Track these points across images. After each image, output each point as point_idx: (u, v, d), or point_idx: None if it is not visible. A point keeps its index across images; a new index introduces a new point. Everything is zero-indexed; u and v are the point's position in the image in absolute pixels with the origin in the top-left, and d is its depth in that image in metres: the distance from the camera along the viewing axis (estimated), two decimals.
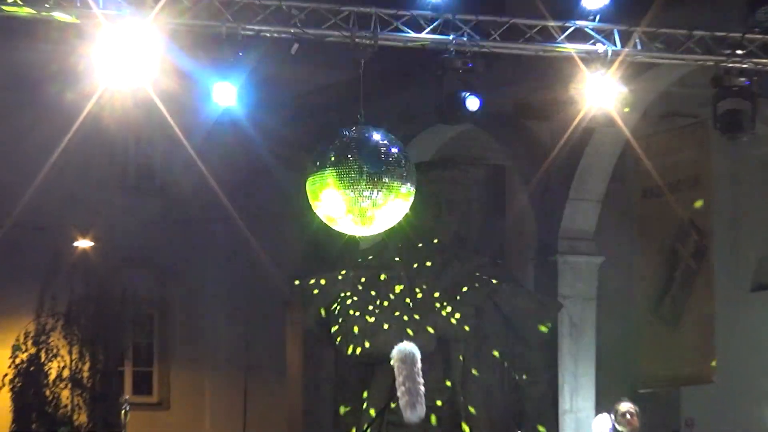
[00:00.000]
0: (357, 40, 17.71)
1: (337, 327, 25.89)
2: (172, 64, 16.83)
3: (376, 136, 18.75)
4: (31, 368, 28.42)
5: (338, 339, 25.83)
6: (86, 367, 28.81)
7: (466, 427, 25.21)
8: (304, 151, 22.96)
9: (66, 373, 28.65)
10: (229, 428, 29.07)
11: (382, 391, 22.99)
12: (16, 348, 28.73)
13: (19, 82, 21.75)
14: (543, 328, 25.46)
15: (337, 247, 24.76)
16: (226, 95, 17.04)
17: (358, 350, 25.18)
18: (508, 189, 28.03)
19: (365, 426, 25.12)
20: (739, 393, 25.34)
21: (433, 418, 23.54)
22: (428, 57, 18.76)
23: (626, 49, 17.93)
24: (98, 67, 16.17)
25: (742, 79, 18.59)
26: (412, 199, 19.10)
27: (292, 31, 17.26)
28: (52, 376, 28.60)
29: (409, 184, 18.84)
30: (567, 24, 18.13)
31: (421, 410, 19.89)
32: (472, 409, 25.33)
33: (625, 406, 17.96)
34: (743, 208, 26.55)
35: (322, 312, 26.09)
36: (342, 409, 26.32)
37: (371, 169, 18.21)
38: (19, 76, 21.00)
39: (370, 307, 25.35)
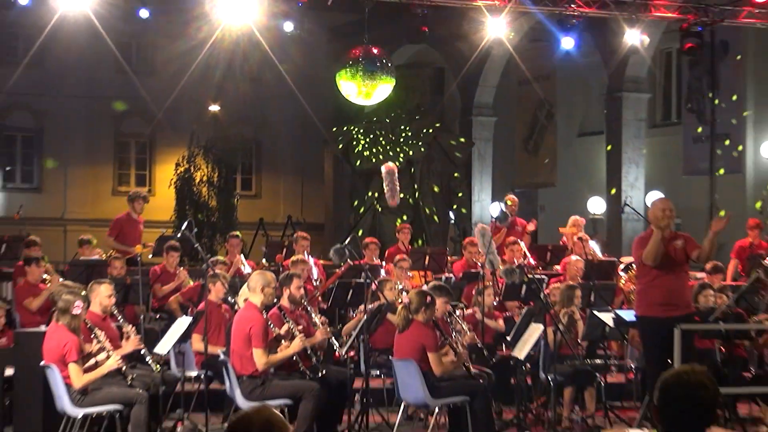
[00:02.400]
0: None
1: (352, 153, 26.22)
2: (267, 9, 16.88)
3: (374, 50, 19.26)
4: (186, 175, 28.42)
5: (352, 159, 26.16)
6: (215, 175, 28.78)
7: (426, 209, 25.68)
8: (334, 59, 23.31)
9: (204, 178, 28.76)
10: (293, 208, 29.15)
11: (376, 190, 23.23)
12: (177, 164, 28.80)
13: (176, 21, 21.52)
14: (461, 139, 26.11)
15: (353, 110, 24.98)
16: (292, 27, 17.36)
17: (364, 167, 25.47)
18: (445, 81, 28.05)
19: (366, 208, 25.48)
20: (569, 192, 25.57)
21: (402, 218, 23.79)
22: (403, 7, 18.85)
23: (510, 4, 18.01)
24: (220, 12, 16.34)
25: (574, 21, 18.71)
26: (392, 85, 19.69)
27: None
28: (197, 180, 28.69)
29: (391, 76, 19.42)
30: None
31: (397, 199, 20.20)
32: (427, 208, 25.78)
33: (509, 197, 18.07)
34: (572, 90, 26.61)
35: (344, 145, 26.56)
36: (355, 202, 26.71)
37: (370, 68, 18.78)
38: (176, 17, 20.81)
39: (369, 143, 25.64)
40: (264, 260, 16.00)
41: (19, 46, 26.90)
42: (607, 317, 11.43)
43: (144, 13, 16.50)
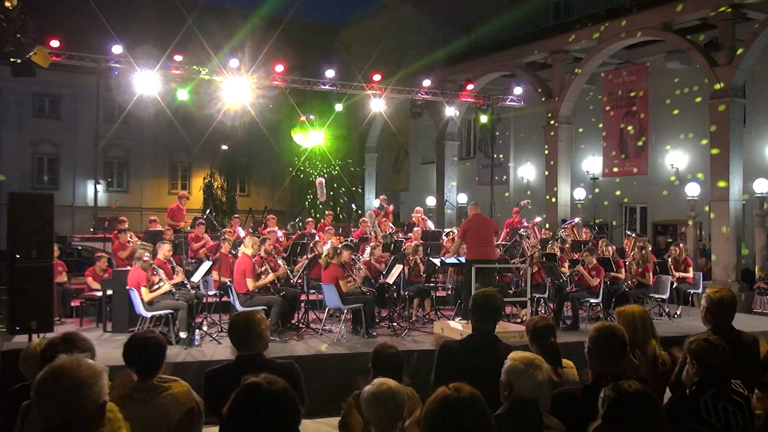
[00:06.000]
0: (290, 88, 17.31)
1: (301, 171, 25.76)
2: (253, 93, 16.27)
3: (310, 119, 18.69)
4: (209, 184, 27.79)
5: (301, 175, 25.67)
6: (225, 183, 28.02)
7: (340, 203, 25.33)
8: (290, 121, 22.31)
9: (219, 185, 28.11)
10: (268, 201, 28.21)
11: (313, 192, 22.49)
12: (204, 178, 28.04)
13: (203, 98, 20.41)
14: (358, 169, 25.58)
15: (301, 149, 24.11)
16: (269, 105, 16.69)
17: (307, 179, 24.97)
18: (350, 134, 27.11)
19: (308, 202, 24.94)
20: (416, 194, 25.55)
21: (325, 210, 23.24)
22: (324, 98, 18.32)
23: (385, 93, 17.57)
24: (225, 94, 15.73)
25: (419, 101, 18.36)
26: (322, 136, 19.20)
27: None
28: (215, 186, 28.03)
29: (321, 132, 18.97)
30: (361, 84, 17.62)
31: (324, 197, 18.48)
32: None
33: (382, 197, 16.74)
34: (418, 139, 26.35)
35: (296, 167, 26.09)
36: (305, 200, 26.25)
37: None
38: (202, 96, 19.69)
39: (309, 166, 25.12)
40: (251, 230, 15.71)
41: (115, 112, 26.02)
42: (437, 261, 11.56)
43: (183, 94, 15.93)
